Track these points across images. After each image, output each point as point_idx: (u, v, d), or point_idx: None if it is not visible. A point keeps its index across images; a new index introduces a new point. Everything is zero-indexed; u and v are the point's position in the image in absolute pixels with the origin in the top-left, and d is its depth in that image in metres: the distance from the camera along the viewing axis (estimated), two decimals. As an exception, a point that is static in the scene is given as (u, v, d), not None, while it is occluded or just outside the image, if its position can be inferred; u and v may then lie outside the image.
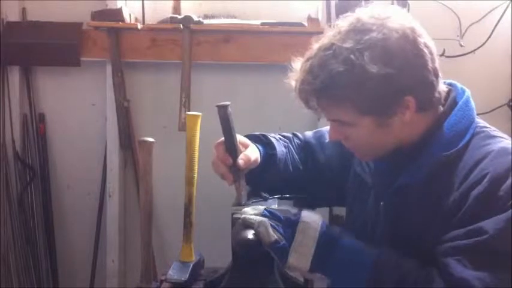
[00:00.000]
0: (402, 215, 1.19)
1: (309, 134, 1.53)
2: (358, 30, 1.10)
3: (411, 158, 1.17)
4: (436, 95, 1.16)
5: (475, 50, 2.67)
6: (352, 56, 1.07)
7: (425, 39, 1.13)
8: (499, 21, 2.67)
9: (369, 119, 1.13)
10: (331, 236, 1.15)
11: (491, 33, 2.66)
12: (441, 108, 1.19)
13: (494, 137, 1.17)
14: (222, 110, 1.25)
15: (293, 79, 1.18)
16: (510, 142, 1.15)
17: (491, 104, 2.66)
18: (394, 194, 1.20)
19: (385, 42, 1.08)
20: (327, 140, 1.40)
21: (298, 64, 1.18)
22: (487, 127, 1.20)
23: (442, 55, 2.24)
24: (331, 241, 1.14)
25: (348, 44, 1.09)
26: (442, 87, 1.17)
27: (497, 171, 1.07)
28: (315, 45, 1.15)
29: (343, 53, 1.08)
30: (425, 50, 1.12)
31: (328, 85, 1.10)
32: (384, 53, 1.07)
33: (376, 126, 1.14)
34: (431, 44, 1.14)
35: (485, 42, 2.67)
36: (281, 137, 1.48)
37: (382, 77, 1.07)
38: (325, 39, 1.14)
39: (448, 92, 1.21)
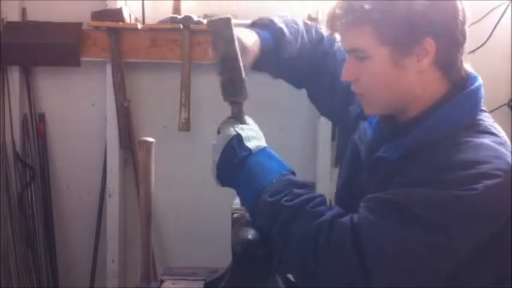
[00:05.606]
0: (377, 189, 1.16)
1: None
2: None
3: (398, 135, 1.18)
4: (458, 61, 1.19)
5: (475, 50, 2.66)
6: None
7: None
8: (499, 21, 2.67)
9: (385, 50, 1.14)
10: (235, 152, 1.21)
11: (491, 33, 2.66)
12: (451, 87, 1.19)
13: (483, 134, 1.14)
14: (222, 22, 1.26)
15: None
16: (494, 144, 1.12)
17: (491, 104, 2.62)
18: (370, 166, 1.21)
19: None
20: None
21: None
22: (484, 121, 1.19)
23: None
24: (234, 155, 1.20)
25: None
26: (465, 66, 1.21)
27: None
28: None
29: None
30: (459, 4, 1.17)
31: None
32: None
33: (390, 62, 1.15)
34: (466, 8, 1.19)
35: (485, 42, 2.66)
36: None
37: (412, 3, 1.10)
38: None
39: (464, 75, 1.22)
